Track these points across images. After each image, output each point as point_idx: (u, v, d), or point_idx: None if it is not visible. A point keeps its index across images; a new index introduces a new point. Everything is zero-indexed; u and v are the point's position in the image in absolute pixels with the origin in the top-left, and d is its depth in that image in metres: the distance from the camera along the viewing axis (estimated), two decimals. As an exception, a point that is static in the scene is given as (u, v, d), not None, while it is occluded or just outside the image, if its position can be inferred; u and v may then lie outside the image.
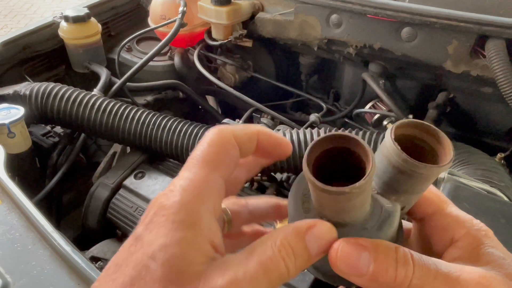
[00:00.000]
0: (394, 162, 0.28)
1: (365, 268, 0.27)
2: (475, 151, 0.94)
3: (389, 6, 1.06)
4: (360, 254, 0.27)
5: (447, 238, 0.31)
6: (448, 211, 0.32)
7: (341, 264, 0.27)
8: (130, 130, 1.14)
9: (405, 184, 0.29)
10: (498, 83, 0.94)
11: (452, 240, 0.30)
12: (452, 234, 0.31)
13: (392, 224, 0.29)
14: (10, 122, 1.03)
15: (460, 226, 0.31)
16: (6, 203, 0.77)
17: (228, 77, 1.49)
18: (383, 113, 1.30)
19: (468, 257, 0.29)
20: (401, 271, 0.26)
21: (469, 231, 0.30)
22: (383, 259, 0.27)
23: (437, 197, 0.33)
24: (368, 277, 0.27)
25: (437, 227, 0.32)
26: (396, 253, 0.27)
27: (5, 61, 1.33)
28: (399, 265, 0.26)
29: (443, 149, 0.27)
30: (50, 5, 4.74)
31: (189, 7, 1.39)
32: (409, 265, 0.26)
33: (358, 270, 0.27)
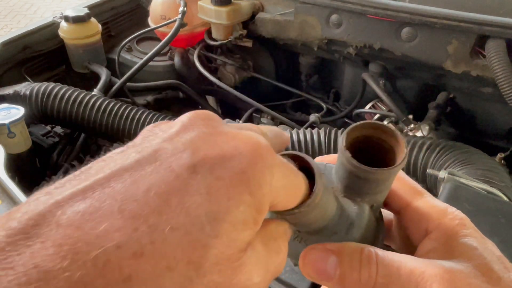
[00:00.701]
0: (348, 168, 0.28)
1: (332, 272, 0.27)
2: (475, 151, 0.94)
3: (389, 6, 1.06)
4: (327, 258, 0.28)
5: (422, 230, 0.30)
6: (421, 202, 0.31)
7: (309, 270, 0.28)
8: (130, 130, 1.14)
9: (364, 187, 0.29)
10: (498, 83, 0.94)
11: (426, 231, 0.30)
12: (426, 226, 0.30)
13: (360, 225, 0.29)
14: (10, 122, 1.03)
15: (433, 217, 0.30)
16: (6, 203, 0.77)
17: (228, 77, 1.49)
18: (383, 113, 1.30)
19: (442, 249, 0.29)
20: (365, 272, 0.27)
21: (442, 221, 0.30)
22: (347, 261, 0.27)
23: (410, 189, 0.32)
24: (336, 280, 0.27)
25: (411, 219, 0.31)
26: (360, 254, 0.27)
27: (5, 61, 1.33)
28: (362, 266, 0.27)
29: (399, 146, 0.27)
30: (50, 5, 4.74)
31: (189, 7, 1.39)
32: (373, 265, 0.27)
33: (326, 275, 0.28)
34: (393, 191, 0.32)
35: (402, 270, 0.27)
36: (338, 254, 0.28)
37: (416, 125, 1.18)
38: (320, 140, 1.02)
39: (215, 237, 0.19)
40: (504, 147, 1.12)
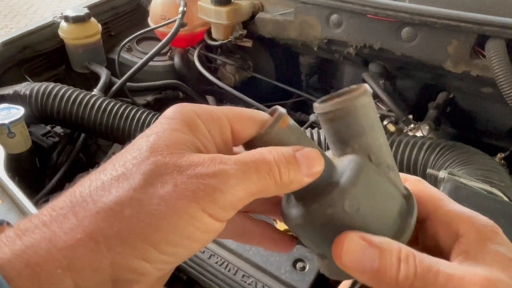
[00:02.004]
0: (320, 117, 0.30)
1: (369, 265, 0.27)
2: (475, 151, 0.94)
3: (389, 6, 1.06)
4: (366, 250, 0.27)
5: (453, 234, 0.30)
6: (451, 207, 0.31)
7: (346, 259, 0.28)
8: (130, 130, 1.14)
9: (340, 132, 0.30)
10: (498, 83, 0.94)
11: (458, 234, 0.30)
12: (457, 229, 0.30)
13: (352, 174, 0.29)
14: (10, 122, 1.03)
15: (464, 220, 0.30)
16: (6, 203, 0.77)
17: (228, 77, 1.49)
18: (383, 113, 1.30)
19: (473, 253, 0.28)
20: (403, 272, 0.26)
21: (474, 225, 0.29)
22: (387, 257, 0.27)
23: (438, 194, 0.32)
24: (371, 274, 0.27)
25: (441, 223, 0.31)
26: (399, 252, 0.27)
27: (5, 61, 1.33)
28: (402, 265, 0.26)
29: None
30: (50, 5, 4.74)
31: (189, 7, 1.39)
32: (411, 265, 0.26)
33: (362, 266, 0.27)
34: (420, 197, 0.32)
35: (440, 275, 0.26)
36: (378, 247, 0.27)
37: (416, 125, 1.18)
38: (320, 140, 1.02)
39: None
40: (504, 147, 1.12)
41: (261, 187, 0.27)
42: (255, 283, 0.77)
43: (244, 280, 0.78)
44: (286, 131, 0.29)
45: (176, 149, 0.26)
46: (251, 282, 0.78)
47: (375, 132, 0.31)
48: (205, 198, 0.24)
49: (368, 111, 0.30)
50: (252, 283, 0.78)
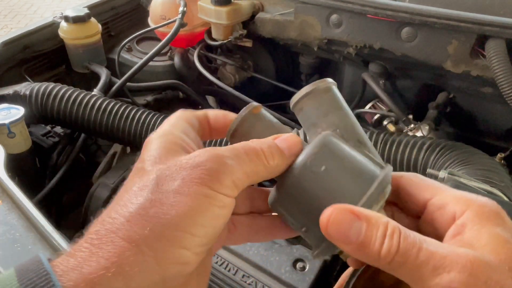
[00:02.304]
0: (294, 110, 0.36)
1: (355, 237, 0.28)
2: (475, 151, 0.94)
3: (389, 6, 1.06)
4: (353, 222, 0.28)
5: (449, 217, 0.30)
6: (448, 191, 0.31)
7: (332, 230, 0.29)
8: (130, 130, 1.14)
9: (313, 113, 0.35)
10: (498, 83, 0.94)
11: (454, 218, 0.29)
12: (453, 212, 0.29)
13: (320, 138, 0.33)
14: (10, 122, 1.03)
15: (461, 202, 0.29)
16: (6, 203, 0.77)
17: (228, 77, 1.49)
18: (383, 113, 1.30)
19: (468, 235, 0.28)
20: (386, 246, 0.27)
21: (471, 207, 0.29)
22: (373, 231, 0.28)
23: (435, 183, 0.32)
24: (356, 246, 0.28)
25: (438, 208, 0.31)
26: (385, 227, 0.28)
27: (5, 61, 1.33)
28: (386, 239, 0.27)
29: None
30: (50, 5, 4.74)
31: (189, 7, 1.39)
32: (395, 241, 0.27)
33: (347, 238, 0.28)
34: (417, 188, 0.32)
35: (422, 251, 0.27)
36: (366, 220, 0.28)
37: (416, 125, 1.18)
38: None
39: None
40: (504, 147, 1.12)
41: (253, 168, 0.31)
42: (255, 283, 0.77)
43: (244, 280, 0.78)
44: (260, 118, 0.35)
45: (172, 154, 0.30)
46: (251, 282, 0.78)
47: (340, 112, 0.35)
48: (212, 180, 0.28)
49: (331, 96, 0.35)
50: (252, 283, 0.78)
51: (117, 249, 0.26)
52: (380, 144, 0.99)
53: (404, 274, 0.27)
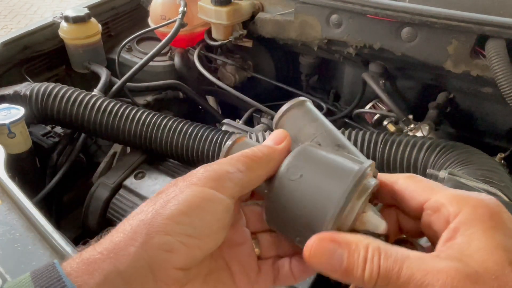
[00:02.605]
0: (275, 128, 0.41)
1: (338, 265, 0.29)
2: (475, 151, 0.94)
3: (389, 6, 1.06)
4: (334, 251, 0.29)
5: (444, 220, 0.29)
6: (443, 192, 0.30)
7: (315, 261, 0.30)
8: (130, 130, 1.14)
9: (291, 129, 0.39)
10: (498, 83, 0.94)
11: (448, 220, 0.29)
12: (448, 214, 0.29)
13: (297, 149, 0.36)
14: (10, 122, 1.03)
15: (454, 204, 0.29)
16: (6, 203, 0.77)
17: (228, 77, 1.49)
18: (383, 113, 1.30)
19: (460, 239, 0.28)
20: (368, 271, 0.28)
21: (465, 208, 0.28)
22: (355, 257, 0.28)
23: (431, 184, 0.32)
24: (340, 273, 0.29)
25: (434, 211, 0.30)
26: (366, 251, 0.28)
27: (5, 61, 1.33)
28: (367, 264, 0.28)
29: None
30: (50, 5, 4.74)
31: (189, 7, 1.39)
32: (375, 264, 0.27)
33: (331, 266, 0.29)
34: (412, 191, 0.32)
35: (403, 271, 0.27)
36: (347, 247, 0.29)
37: (416, 125, 1.18)
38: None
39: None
40: (504, 147, 1.12)
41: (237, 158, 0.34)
42: (255, 283, 0.77)
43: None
44: (244, 145, 0.38)
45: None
46: (251, 282, 0.78)
47: (316, 123, 0.38)
48: (204, 181, 0.33)
49: (305, 110, 0.39)
50: (252, 283, 0.77)
51: (115, 241, 0.30)
52: (380, 144, 0.99)
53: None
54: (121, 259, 0.29)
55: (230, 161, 0.34)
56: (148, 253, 0.29)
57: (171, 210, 0.30)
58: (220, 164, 0.34)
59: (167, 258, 0.29)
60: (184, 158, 1.13)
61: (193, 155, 1.10)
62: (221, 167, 0.33)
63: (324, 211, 0.31)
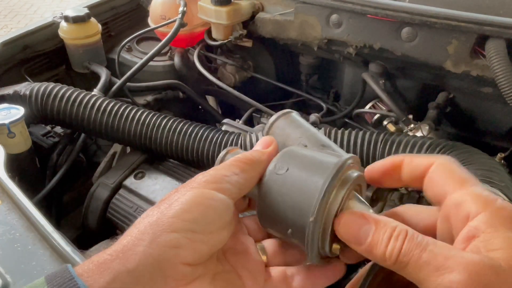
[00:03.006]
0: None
1: (364, 238, 0.31)
2: (475, 151, 0.94)
3: (389, 6, 1.06)
4: (362, 225, 0.31)
5: (463, 216, 0.29)
6: (466, 190, 0.30)
7: (343, 231, 0.32)
8: (130, 130, 1.14)
9: (280, 136, 0.43)
10: (498, 83, 0.94)
11: (468, 218, 0.29)
12: (468, 212, 0.29)
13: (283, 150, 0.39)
14: (10, 122, 1.03)
15: (477, 204, 0.29)
16: (6, 203, 0.77)
17: (228, 77, 1.49)
18: (383, 113, 1.30)
19: (482, 238, 0.28)
20: (390, 248, 0.29)
21: (488, 208, 0.28)
22: (380, 234, 0.30)
23: (456, 179, 0.32)
24: (365, 247, 0.31)
25: (454, 205, 0.30)
26: (392, 230, 0.30)
27: (5, 61, 1.33)
28: (391, 241, 0.29)
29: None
30: (50, 5, 4.74)
31: (189, 7, 1.39)
32: (399, 242, 0.29)
33: (357, 239, 0.31)
34: (436, 181, 0.32)
35: (425, 253, 0.27)
36: (375, 223, 0.31)
37: (416, 125, 1.18)
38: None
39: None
40: (504, 147, 1.12)
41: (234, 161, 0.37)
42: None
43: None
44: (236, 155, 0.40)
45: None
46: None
47: (301, 129, 0.42)
48: (204, 183, 0.35)
49: (291, 119, 0.44)
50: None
51: (123, 243, 0.32)
52: (380, 144, 0.99)
53: (408, 274, 0.28)
54: (130, 258, 0.30)
55: (225, 166, 0.37)
56: (156, 250, 0.31)
57: (175, 210, 0.32)
58: (216, 170, 0.37)
59: (174, 253, 0.31)
60: (184, 158, 1.13)
61: (193, 155, 1.10)
62: (217, 172, 0.36)
63: (310, 200, 0.33)
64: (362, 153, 0.99)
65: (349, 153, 0.37)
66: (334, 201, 0.33)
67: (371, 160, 0.99)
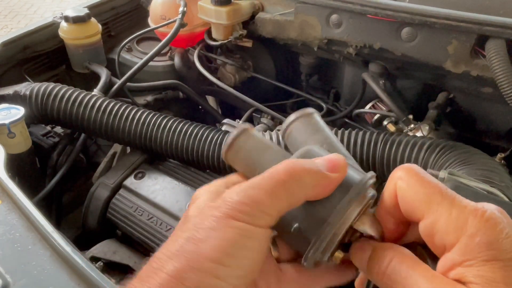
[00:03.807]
0: (284, 136, 0.42)
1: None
2: (475, 151, 0.94)
3: (389, 6, 1.06)
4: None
5: (439, 247, 0.28)
6: (437, 211, 0.28)
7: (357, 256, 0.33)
8: (130, 130, 1.14)
9: (300, 136, 0.40)
10: (498, 83, 0.94)
11: (444, 249, 0.28)
12: (443, 243, 0.28)
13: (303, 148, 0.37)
14: (10, 122, 1.03)
15: (450, 232, 0.27)
16: (6, 203, 0.77)
17: (228, 77, 1.49)
18: (383, 113, 1.30)
19: (456, 274, 0.27)
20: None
21: (462, 238, 0.27)
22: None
23: (425, 193, 0.29)
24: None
25: (428, 234, 0.29)
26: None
27: (5, 61, 1.33)
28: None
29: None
30: (50, 5, 4.74)
31: (189, 7, 1.39)
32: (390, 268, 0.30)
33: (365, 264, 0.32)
34: (404, 205, 0.30)
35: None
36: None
37: (416, 125, 1.18)
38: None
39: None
40: (504, 147, 1.12)
41: (281, 194, 0.31)
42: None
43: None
44: (253, 141, 0.38)
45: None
46: (251, 282, 0.78)
47: (324, 132, 0.40)
48: (240, 212, 0.30)
49: (314, 120, 0.40)
50: (252, 283, 0.77)
51: (162, 281, 0.29)
52: (380, 144, 0.99)
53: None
54: None
55: (268, 184, 0.30)
56: None
57: (215, 251, 0.29)
58: (253, 187, 0.31)
59: None
60: (184, 158, 1.13)
61: (193, 155, 1.10)
62: (255, 193, 0.30)
63: (329, 207, 0.32)
64: (362, 153, 0.99)
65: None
66: (352, 214, 0.32)
67: (371, 160, 0.99)
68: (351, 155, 0.39)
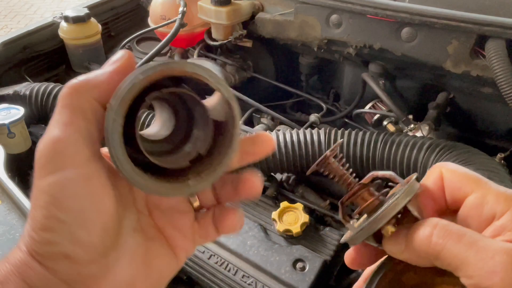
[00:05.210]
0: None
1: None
2: (475, 152, 0.94)
3: (389, 6, 1.06)
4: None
5: (488, 217, 0.30)
6: (486, 189, 0.31)
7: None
8: (130, 130, 1.14)
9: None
10: (498, 83, 0.94)
11: (493, 218, 0.30)
12: (494, 212, 0.30)
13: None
14: (10, 122, 1.03)
15: (502, 202, 0.29)
16: (6, 203, 0.77)
17: (228, 77, 1.49)
18: (383, 113, 1.30)
19: (509, 237, 0.28)
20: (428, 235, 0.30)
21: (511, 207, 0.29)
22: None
23: (471, 179, 0.32)
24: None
25: (476, 206, 0.31)
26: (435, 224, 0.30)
27: (5, 61, 1.33)
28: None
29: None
30: (50, 5, 4.74)
31: (189, 7, 1.39)
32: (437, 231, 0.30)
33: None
34: (451, 186, 0.32)
35: (465, 238, 0.28)
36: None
37: (416, 125, 1.18)
38: (320, 140, 1.02)
39: None
40: (504, 147, 1.12)
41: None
42: (255, 283, 0.78)
43: (244, 280, 0.78)
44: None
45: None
46: (251, 282, 0.78)
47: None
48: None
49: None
50: (252, 283, 0.78)
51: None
52: (380, 144, 0.99)
53: (444, 259, 0.29)
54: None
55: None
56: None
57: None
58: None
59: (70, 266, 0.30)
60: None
61: (193, 155, 1.10)
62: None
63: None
64: (362, 153, 0.99)
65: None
66: (401, 203, 0.33)
67: (371, 160, 0.99)
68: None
